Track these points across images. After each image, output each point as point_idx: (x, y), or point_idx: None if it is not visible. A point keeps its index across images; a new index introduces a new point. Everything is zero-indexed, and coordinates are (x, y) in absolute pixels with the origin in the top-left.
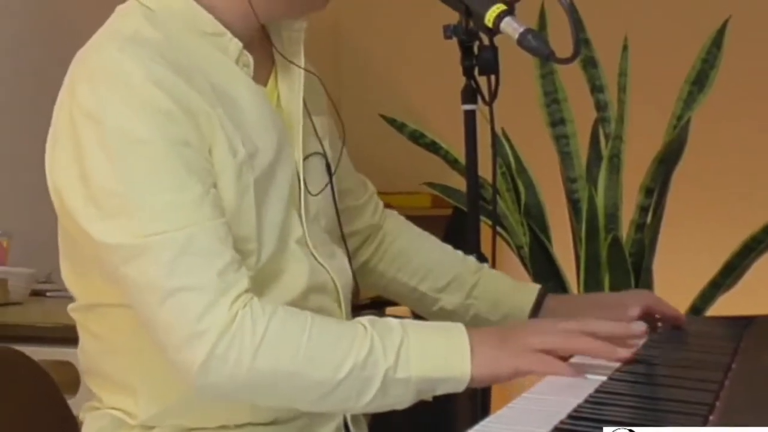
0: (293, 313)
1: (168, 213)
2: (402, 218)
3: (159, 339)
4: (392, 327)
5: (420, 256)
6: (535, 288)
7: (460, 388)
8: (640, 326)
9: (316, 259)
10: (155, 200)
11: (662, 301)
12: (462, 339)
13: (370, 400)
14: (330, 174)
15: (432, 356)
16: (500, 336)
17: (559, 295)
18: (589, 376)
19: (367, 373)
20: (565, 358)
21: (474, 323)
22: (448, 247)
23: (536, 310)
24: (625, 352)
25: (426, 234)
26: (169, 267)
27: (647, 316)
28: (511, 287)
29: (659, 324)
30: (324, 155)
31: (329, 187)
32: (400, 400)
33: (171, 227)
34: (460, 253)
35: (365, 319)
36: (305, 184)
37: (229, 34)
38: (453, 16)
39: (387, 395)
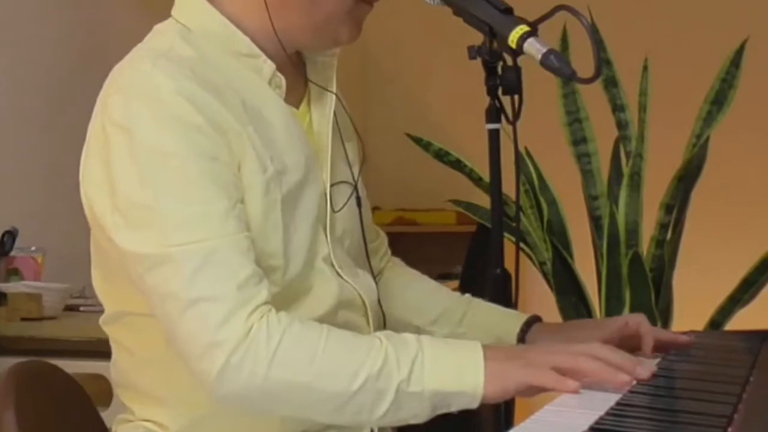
0: (309, 325)
1: (192, 225)
2: (399, 261)
3: (180, 348)
4: (408, 341)
5: (412, 293)
6: (523, 316)
7: (474, 403)
8: (650, 368)
9: (341, 276)
10: (180, 212)
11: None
12: (476, 354)
13: (384, 413)
14: (358, 199)
15: (445, 370)
16: (512, 353)
17: (548, 323)
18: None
19: (381, 385)
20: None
21: None
22: (439, 285)
23: (522, 337)
24: (626, 378)
25: (418, 274)
26: (191, 278)
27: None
28: (500, 315)
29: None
30: (353, 183)
31: (356, 212)
32: (415, 413)
33: (194, 239)
34: (449, 290)
35: (382, 333)
36: (332, 205)
37: (263, 56)
38: (477, 38)
39: (401, 408)
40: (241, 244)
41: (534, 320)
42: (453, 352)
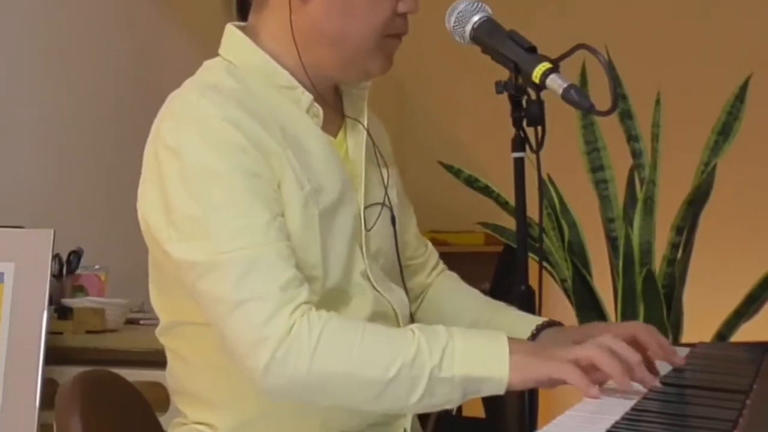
0: (347, 320)
1: (238, 235)
2: (450, 274)
3: (230, 347)
4: (438, 331)
5: (448, 304)
6: (537, 320)
7: (500, 389)
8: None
9: (377, 290)
10: (227, 224)
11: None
12: (502, 343)
13: (419, 398)
14: (393, 220)
15: (474, 357)
16: (537, 347)
17: (558, 327)
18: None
19: (415, 372)
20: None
21: None
22: (473, 292)
23: (534, 338)
24: (630, 384)
25: (459, 284)
26: (237, 281)
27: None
28: (518, 318)
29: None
30: (388, 205)
31: (391, 232)
32: (448, 398)
33: (240, 247)
34: (484, 299)
35: (414, 326)
36: (365, 225)
37: (301, 88)
38: (504, 73)
39: (434, 394)
40: (282, 251)
41: (547, 325)
42: (480, 341)
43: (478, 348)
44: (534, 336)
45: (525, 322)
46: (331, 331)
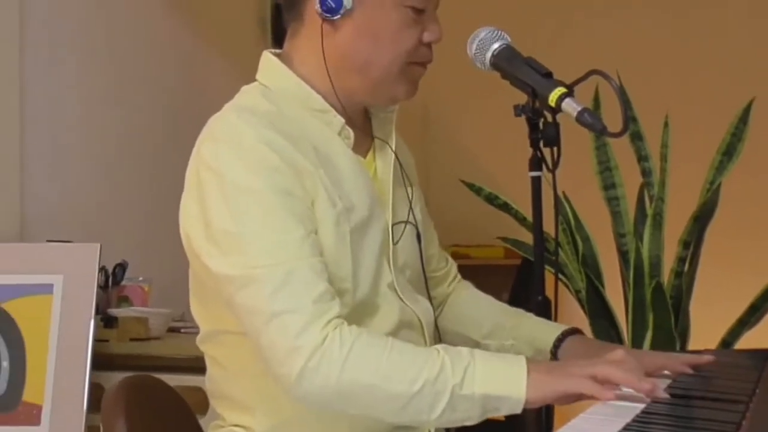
0: (376, 336)
1: (273, 250)
2: (467, 284)
3: (265, 356)
4: (461, 352)
5: (469, 311)
6: (560, 327)
7: (517, 408)
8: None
9: (403, 301)
10: (263, 239)
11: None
12: (520, 365)
13: (440, 413)
14: (418, 236)
15: (493, 377)
16: (553, 366)
17: (582, 338)
18: (634, 403)
19: (438, 388)
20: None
21: None
22: (494, 302)
23: (557, 346)
24: (649, 385)
25: (478, 294)
26: (273, 294)
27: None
28: (541, 328)
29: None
30: (413, 223)
31: (417, 247)
32: (468, 415)
33: (275, 262)
34: (502, 305)
35: (440, 346)
36: (393, 240)
37: (333, 112)
38: (522, 97)
39: (455, 410)
40: (315, 266)
41: (569, 333)
42: (500, 363)
43: (497, 369)
44: (559, 342)
45: (549, 328)
46: (361, 346)
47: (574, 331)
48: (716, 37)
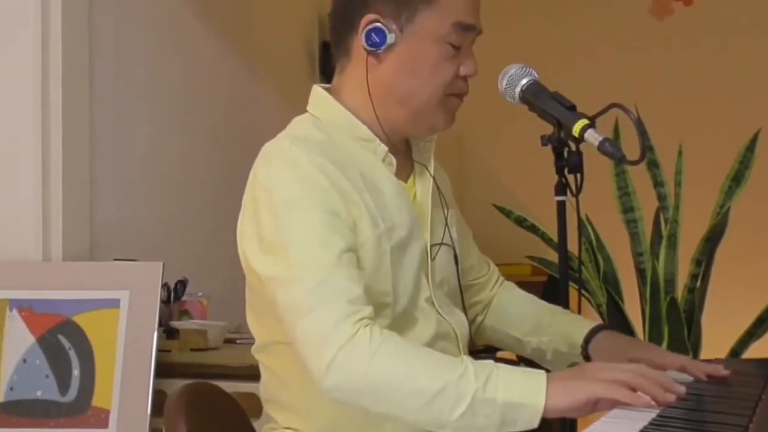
0: (405, 340)
1: (313, 256)
2: (509, 284)
3: (299, 348)
4: (485, 361)
5: (511, 310)
6: (591, 323)
7: (535, 419)
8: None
9: (440, 314)
10: (305, 248)
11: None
12: (541, 375)
13: (460, 415)
14: (455, 256)
15: (515, 384)
16: (578, 372)
17: (613, 334)
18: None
19: (461, 390)
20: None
21: (554, 357)
22: (533, 300)
23: (589, 340)
24: (671, 398)
25: (519, 294)
26: (309, 292)
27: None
28: (574, 324)
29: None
30: (450, 244)
31: (453, 265)
32: (487, 422)
33: (315, 265)
34: (541, 303)
35: (465, 356)
36: (431, 258)
37: (377, 141)
38: (548, 128)
39: (475, 414)
40: (352, 276)
41: (600, 328)
42: (522, 373)
43: (519, 378)
44: (589, 337)
45: (581, 324)
46: (390, 344)
47: (604, 327)
48: (725, 74)
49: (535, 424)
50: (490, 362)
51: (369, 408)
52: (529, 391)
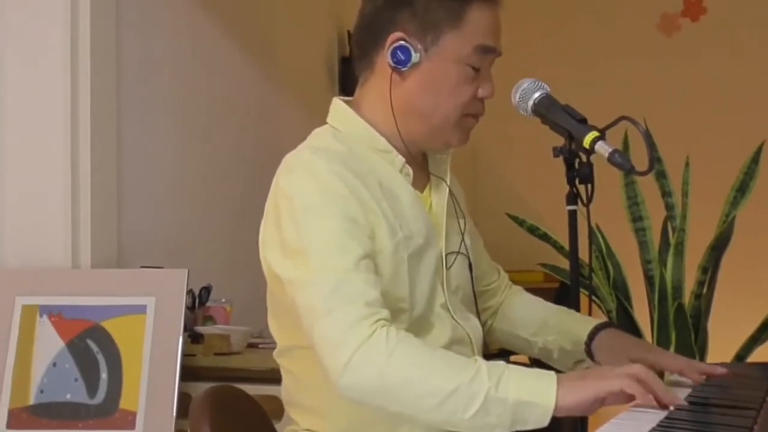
0: (420, 341)
1: (332, 261)
2: (517, 288)
3: (316, 349)
4: (498, 362)
5: (518, 312)
6: (594, 321)
7: (545, 419)
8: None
9: (455, 319)
10: (324, 253)
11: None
12: (551, 375)
13: (474, 413)
14: (470, 265)
15: (526, 384)
16: (586, 373)
17: (616, 332)
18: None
19: (474, 389)
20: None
21: (560, 356)
22: (539, 302)
23: (592, 337)
24: (671, 397)
25: (526, 296)
26: (327, 295)
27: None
28: (578, 322)
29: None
30: (465, 253)
31: (468, 272)
32: (499, 420)
33: (332, 269)
34: (546, 304)
35: (478, 357)
36: (446, 266)
37: (395, 152)
38: (559, 140)
39: (488, 413)
40: (369, 280)
41: (603, 326)
42: (532, 373)
43: (529, 378)
44: (592, 336)
45: (584, 322)
46: (405, 345)
47: (608, 325)
48: (731, 88)
49: (545, 423)
50: (501, 363)
51: (384, 408)
52: (539, 391)
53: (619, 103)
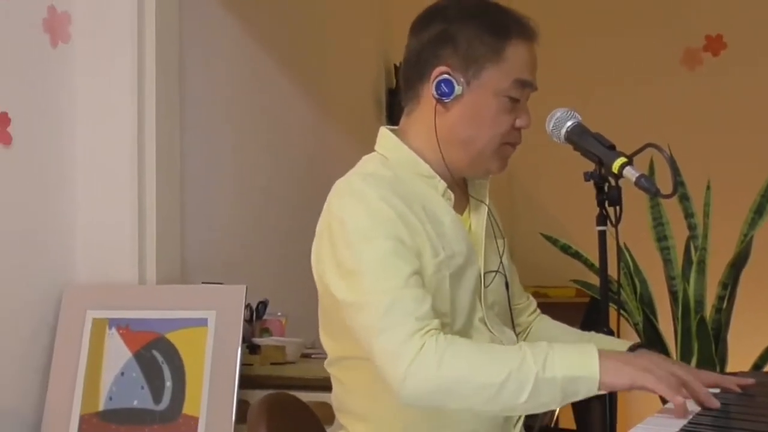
0: (466, 340)
1: (384, 283)
2: (544, 317)
3: (377, 365)
4: (540, 344)
5: (551, 331)
6: (629, 343)
7: (594, 388)
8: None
9: (491, 332)
10: (376, 275)
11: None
12: (593, 349)
13: (527, 397)
14: (506, 283)
15: (570, 359)
16: (627, 358)
17: (649, 352)
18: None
19: (523, 376)
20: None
21: None
22: (567, 328)
23: None
24: (717, 403)
25: (550, 320)
26: (382, 315)
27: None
28: (615, 340)
29: None
30: (503, 272)
31: (504, 290)
32: (551, 398)
33: (384, 290)
34: (574, 330)
35: (522, 342)
36: (484, 283)
37: (438, 178)
38: (590, 165)
39: (540, 394)
40: (418, 296)
41: (637, 346)
42: (575, 348)
43: (572, 354)
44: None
45: (618, 342)
46: (454, 347)
47: (642, 345)
48: (750, 117)
49: (595, 392)
50: (544, 343)
51: (446, 406)
52: (584, 364)
53: (645, 129)
